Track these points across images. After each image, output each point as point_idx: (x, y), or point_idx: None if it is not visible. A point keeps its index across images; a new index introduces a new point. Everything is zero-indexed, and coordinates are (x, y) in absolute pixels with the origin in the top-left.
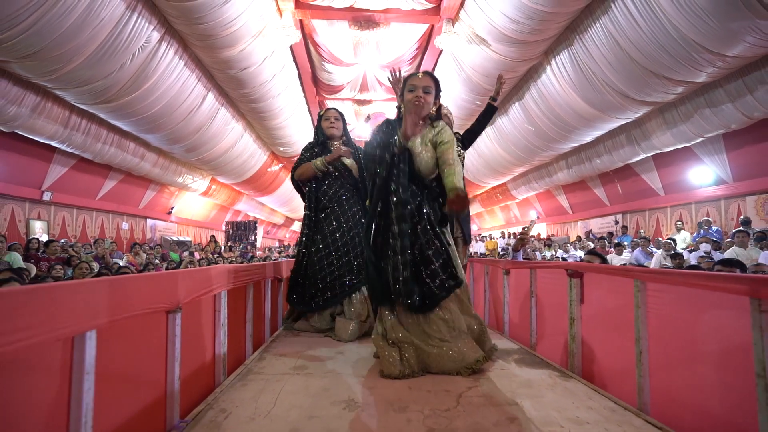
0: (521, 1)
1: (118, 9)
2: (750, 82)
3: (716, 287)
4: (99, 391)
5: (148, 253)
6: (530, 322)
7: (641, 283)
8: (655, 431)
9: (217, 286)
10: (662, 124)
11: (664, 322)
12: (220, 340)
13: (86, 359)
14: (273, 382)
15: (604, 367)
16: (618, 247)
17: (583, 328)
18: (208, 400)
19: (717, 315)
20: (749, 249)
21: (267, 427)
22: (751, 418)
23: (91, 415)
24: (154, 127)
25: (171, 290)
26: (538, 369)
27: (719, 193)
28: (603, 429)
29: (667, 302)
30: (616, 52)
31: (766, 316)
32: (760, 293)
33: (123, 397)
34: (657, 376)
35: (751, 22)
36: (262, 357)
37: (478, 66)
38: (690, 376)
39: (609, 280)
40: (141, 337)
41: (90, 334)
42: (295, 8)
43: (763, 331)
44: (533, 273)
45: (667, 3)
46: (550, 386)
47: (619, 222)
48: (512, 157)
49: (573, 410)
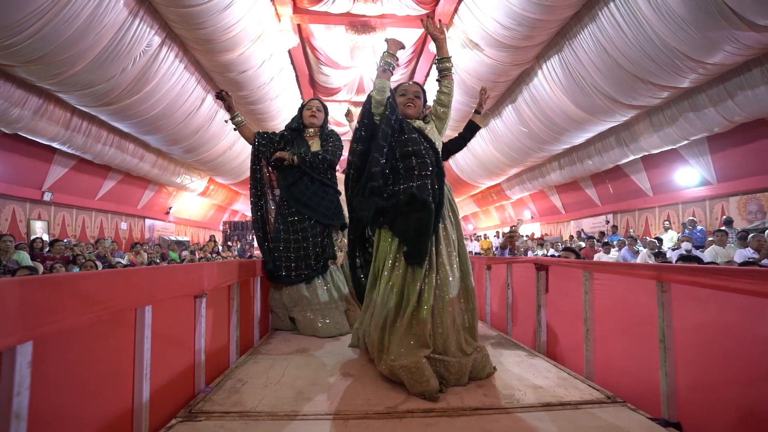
0: (512, 8)
1: (121, 14)
2: (731, 88)
3: (634, 274)
4: (154, 352)
5: (148, 253)
6: (507, 311)
7: (589, 274)
8: (592, 392)
9: (232, 278)
10: (649, 126)
11: (603, 305)
12: (234, 323)
13: (145, 327)
14: (280, 360)
15: (563, 345)
16: (606, 246)
17: (548, 313)
18: (226, 373)
19: (637, 296)
20: (727, 248)
21: (278, 391)
22: (656, 372)
23: (149, 369)
24: (154, 128)
25: (199, 279)
26: (511, 350)
27: (704, 194)
28: (552, 391)
29: (606, 289)
30: (604, 57)
31: (666, 296)
32: (662, 277)
33: (168, 360)
34: (598, 349)
35: (728, 32)
36: (268, 341)
37: (471, 70)
38: (620, 346)
39: (566, 271)
40: (177, 315)
41: (148, 308)
42: (293, 13)
43: (664, 307)
44: (509, 267)
45: (650, 12)
46: (517, 363)
47: (610, 222)
48: (506, 158)
49: (532, 379)
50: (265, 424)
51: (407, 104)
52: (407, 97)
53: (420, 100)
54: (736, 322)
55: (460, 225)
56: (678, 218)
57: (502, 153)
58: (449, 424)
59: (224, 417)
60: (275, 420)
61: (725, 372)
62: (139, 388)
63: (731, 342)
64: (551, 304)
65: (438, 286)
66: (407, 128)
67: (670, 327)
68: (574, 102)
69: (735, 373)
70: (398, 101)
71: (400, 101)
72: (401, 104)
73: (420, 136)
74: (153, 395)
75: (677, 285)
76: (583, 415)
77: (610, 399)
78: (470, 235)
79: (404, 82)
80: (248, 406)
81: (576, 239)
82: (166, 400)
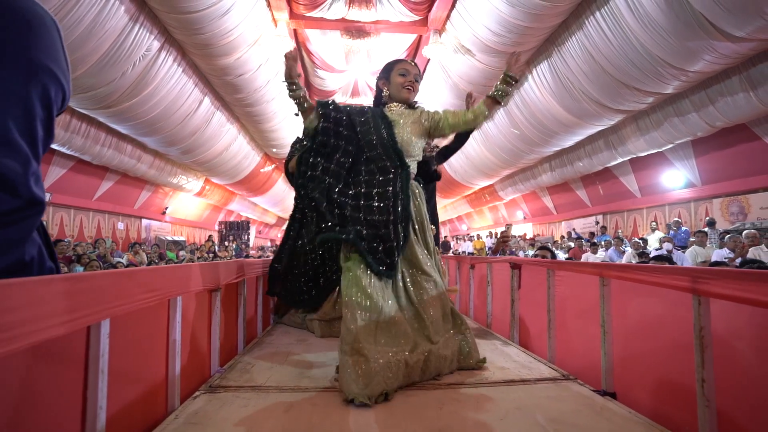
0: (502, 16)
1: (122, 20)
2: (712, 94)
3: (583, 271)
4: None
5: (147, 253)
6: (487, 306)
7: (551, 271)
8: (551, 372)
9: (240, 275)
10: (636, 130)
11: (562, 298)
12: (241, 315)
13: (177, 315)
14: (282, 348)
15: (532, 333)
16: (593, 246)
17: (521, 307)
18: (236, 358)
19: (586, 290)
20: (707, 248)
21: (282, 372)
22: (599, 352)
23: (179, 350)
24: (152, 130)
25: (215, 275)
26: (488, 340)
27: (689, 196)
28: (517, 372)
29: (565, 284)
30: (591, 64)
31: (606, 288)
32: (603, 274)
33: (192, 343)
34: (558, 336)
35: (706, 43)
36: (270, 333)
37: (464, 74)
38: (574, 332)
39: (535, 270)
40: (199, 307)
41: (179, 298)
42: (289, 19)
43: (605, 298)
44: (490, 266)
45: (634, 22)
46: (492, 350)
47: (600, 222)
48: (498, 159)
49: (502, 362)
50: (273, 395)
51: (406, 86)
52: (407, 79)
53: (419, 84)
54: (655, 308)
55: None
56: (665, 219)
57: (494, 155)
58: (426, 395)
59: (239, 390)
60: (282, 392)
61: (647, 348)
62: (172, 363)
63: (652, 324)
64: (523, 298)
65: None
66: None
67: (609, 314)
68: (563, 106)
69: (654, 349)
70: (396, 81)
71: (398, 81)
72: (399, 84)
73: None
74: (182, 370)
75: (615, 280)
76: (538, 389)
77: (564, 376)
78: (464, 235)
79: (404, 59)
80: (258, 382)
81: (567, 239)
82: (190, 375)
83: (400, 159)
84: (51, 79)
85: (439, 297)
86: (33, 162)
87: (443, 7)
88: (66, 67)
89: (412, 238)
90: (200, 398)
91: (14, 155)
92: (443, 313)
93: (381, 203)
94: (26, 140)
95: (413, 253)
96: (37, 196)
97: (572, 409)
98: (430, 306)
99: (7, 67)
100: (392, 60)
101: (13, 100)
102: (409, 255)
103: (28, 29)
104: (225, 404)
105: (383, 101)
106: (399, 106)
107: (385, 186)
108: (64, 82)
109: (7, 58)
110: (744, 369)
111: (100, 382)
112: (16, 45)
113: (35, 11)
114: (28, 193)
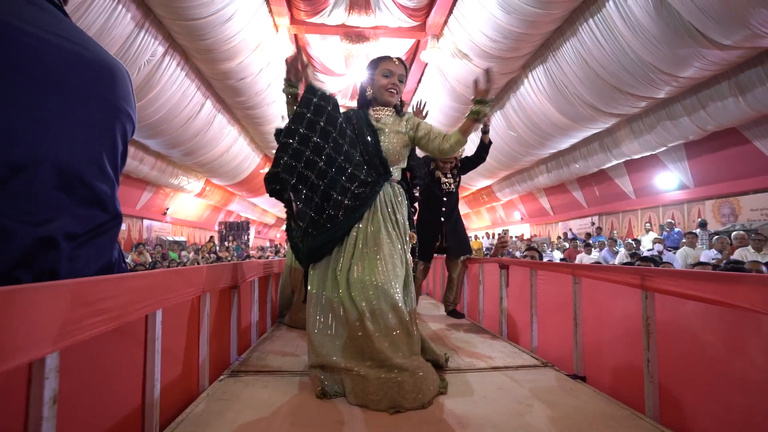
0: (498, 22)
1: (128, 27)
2: (702, 99)
3: (559, 271)
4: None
5: (150, 253)
6: (479, 303)
7: (534, 271)
8: (532, 360)
9: (254, 274)
10: (630, 133)
11: (544, 294)
12: (254, 311)
13: (206, 309)
14: (290, 341)
15: (518, 328)
16: (587, 247)
17: (508, 303)
18: (250, 349)
19: (562, 287)
20: (697, 249)
21: (294, 359)
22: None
23: (208, 338)
24: (155, 133)
25: (235, 274)
26: (479, 335)
27: (682, 198)
28: (502, 360)
29: (545, 282)
30: (585, 69)
31: (578, 286)
32: (575, 273)
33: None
34: (540, 328)
35: (695, 50)
36: (278, 328)
37: (461, 78)
38: (553, 325)
39: (520, 270)
40: (221, 303)
41: (207, 294)
42: (290, 24)
43: (577, 294)
44: (481, 267)
45: (625, 29)
46: (481, 342)
47: (595, 223)
48: (495, 161)
49: (489, 352)
50: (288, 378)
51: (390, 88)
52: (390, 81)
53: (404, 85)
54: (615, 302)
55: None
56: (659, 220)
57: (492, 156)
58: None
59: (258, 374)
60: (295, 375)
61: (610, 337)
62: (203, 349)
63: (613, 316)
64: (511, 295)
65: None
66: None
67: (580, 308)
68: (558, 109)
69: (614, 337)
70: (379, 82)
71: (382, 83)
72: (382, 87)
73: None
74: (211, 357)
75: (585, 279)
76: (518, 374)
77: (543, 364)
78: None
79: (387, 57)
80: (274, 367)
81: (563, 240)
82: (215, 362)
83: (384, 167)
84: (128, 120)
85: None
86: (116, 185)
87: (441, 14)
88: (134, 108)
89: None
90: (226, 381)
91: (106, 180)
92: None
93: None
94: (112, 168)
95: None
96: (119, 212)
97: (546, 389)
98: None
99: (99, 110)
100: (377, 57)
101: (105, 137)
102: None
103: (112, 79)
104: (248, 385)
105: (367, 100)
106: (384, 110)
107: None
108: (134, 122)
109: (99, 103)
110: (680, 351)
111: (156, 360)
112: (105, 92)
113: (115, 63)
114: (114, 209)
